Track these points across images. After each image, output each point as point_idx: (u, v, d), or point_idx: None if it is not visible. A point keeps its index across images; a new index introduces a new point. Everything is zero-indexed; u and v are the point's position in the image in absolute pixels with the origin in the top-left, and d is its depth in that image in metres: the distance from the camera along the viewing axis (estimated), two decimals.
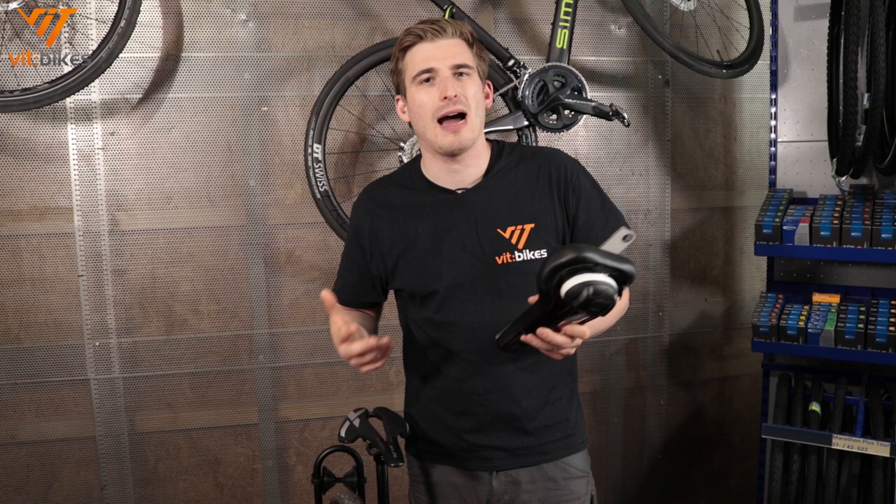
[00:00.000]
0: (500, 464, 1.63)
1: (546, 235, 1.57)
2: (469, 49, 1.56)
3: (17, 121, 2.47)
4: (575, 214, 1.60)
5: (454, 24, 1.57)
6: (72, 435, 2.64)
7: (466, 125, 1.53)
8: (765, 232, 2.59)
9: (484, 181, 1.61)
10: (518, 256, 1.56)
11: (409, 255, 1.61)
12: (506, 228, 1.57)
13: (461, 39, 1.55)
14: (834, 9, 2.50)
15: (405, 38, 1.55)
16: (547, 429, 1.63)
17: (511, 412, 1.60)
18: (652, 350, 3.17)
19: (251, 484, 2.82)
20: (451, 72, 1.52)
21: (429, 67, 1.52)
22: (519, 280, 1.55)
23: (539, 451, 1.63)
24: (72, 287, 2.59)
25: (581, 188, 1.61)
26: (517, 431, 1.61)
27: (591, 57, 2.94)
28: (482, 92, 1.59)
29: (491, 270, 1.56)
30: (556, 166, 1.61)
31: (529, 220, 1.57)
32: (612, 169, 3.01)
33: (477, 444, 1.63)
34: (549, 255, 1.32)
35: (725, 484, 3.34)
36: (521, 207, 1.58)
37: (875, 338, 2.43)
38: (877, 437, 2.43)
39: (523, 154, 1.65)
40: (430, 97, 1.52)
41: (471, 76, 1.55)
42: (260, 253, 2.71)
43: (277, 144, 2.69)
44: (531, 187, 1.60)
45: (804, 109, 2.76)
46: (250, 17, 2.63)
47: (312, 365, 2.81)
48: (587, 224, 1.60)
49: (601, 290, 1.14)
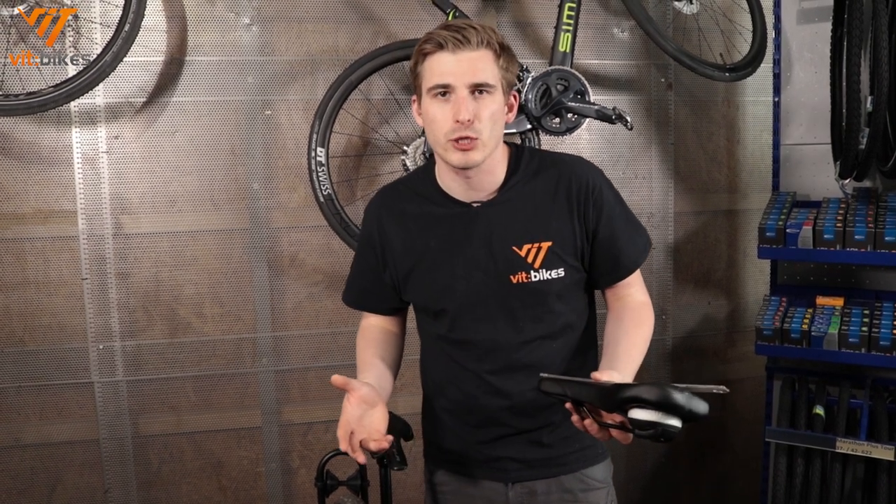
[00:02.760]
0: (515, 475, 1.59)
1: (564, 254, 1.50)
2: (495, 61, 1.42)
3: (22, 124, 2.48)
4: (595, 230, 1.51)
5: (481, 31, 1.40)
6: (75, 438, 2.65)
7: (476, 148, 1.41)
8: (768, 235, 2.58)
9: (500, 195, 1.52)
10: (534, 276, 1.48)
11: (421, 268, 1.56)
12: (521, 246, 1.49)
13: (487, 50, 1.40)
14: (837, 11, 2.50)
15: (426, 44, 1.41)
16: (564, 441, 1.58)
17: (526, 427, 1.56)
18: (655, 353, 3.16)
19: (254, 487, 2.82)
20: (468, 90, 1.39)
21: (445, 83, 1.39)
22: (534, 301, 1.50)
23: (556, 463, 1.59)
24: (76, 290, 2.59)
25: (603, 202, 1.51)
26: (533, 444, 1.57)
27: (594, 60, 2.94)
28: (502, 109, 1.46)
29: (505, 290, 1.49)
30: (578, 178, 1.51)
31: (547, 238, 1.49)
32: (615, 172, 3.01)
33: (492, 455, 1.59)
34: (630, 382, 1.28)
35: (729, 487, 3.33)
36: (539, 223, 1.50)
37: (879, 341, 2.42)
38: (881, 441, 2.42)
39: (543, 162, 1.55)
40: (444, 114, 1.40)
41: (492, 94, 1.41)
42: (263, 256, 2.72)
43: (281, 148, 2.69)
44: (549, 201, 1.50)
45: (807, 112, 2.76)
46: (254, 20, 2.63)
47: (316, 368, 2.81)
48: (609, 240, 1.52)
49: (667, 433, 1.11)
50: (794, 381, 2.71)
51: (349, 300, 1.72)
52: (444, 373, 1.61)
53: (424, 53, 1.42)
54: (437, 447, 1.67)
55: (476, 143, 1.41)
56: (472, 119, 1.39)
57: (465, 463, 1.62)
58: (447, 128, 1.41)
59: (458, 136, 1.40)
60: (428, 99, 1.43)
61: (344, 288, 1.73)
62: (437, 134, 1.43)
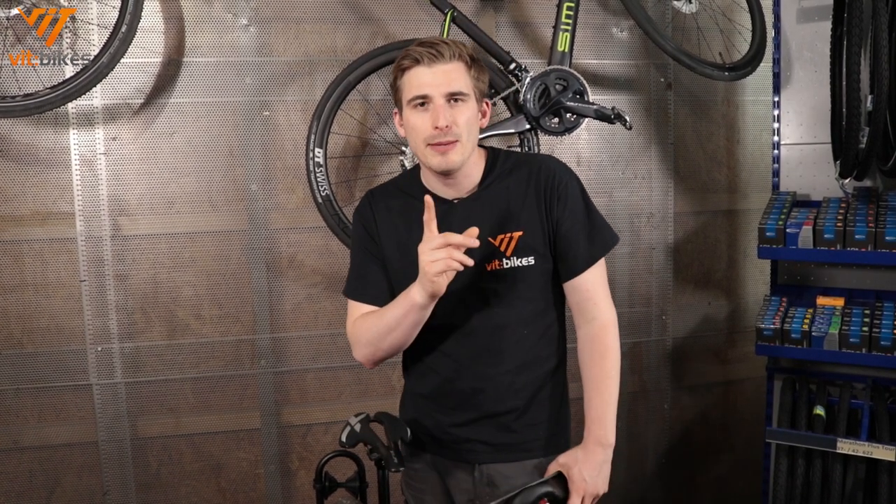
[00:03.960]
0: (482, 457, 1.69)
1: (533, 243, 1.62)
2: (467, 72, 1.57)
3: (20, 126, 2.48)
4: (558, 221, 1.62)
5: (452, 46, 1.57)
6: (74, 440, 2.64)
7: (454, 148, 1.56)
8: (768, 235, 2.58)
9: (478, 191, 1.65)
10: (505, 263, 1.61)
11: (405, 260, 1.63)
12: (496, 236, 1.62)
13: (459, 62, 1.56)
14: (837, 10, 2.49)
15: (403, 60, 1.57)
16: (530, 427, 1.68)
17: (497, 410, 1.66)
18: (655, 354, 3.16)
19: (253, 489, 2.81)
20: (444, 99, 1.54)
21: (423, 94, 1.54)
22: (505, 287, 1.62)
23: (521, 449, 1.69)
24: (74, 292, 2.59)
25: (568, 196, 1.63)
26: (501, 428, 1.67)
27: (592, 60, 2.94)
28: (476, 115, 1.61)
29: (481, 277, 1.62)
30: (545, 172, 1.64)
31: (518, 228, 1.62)
32: (614, 172, 3.01)
33: (462, 437, 1.69)
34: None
35: (729, 488, 3.32)
36: (511, 215, 1.62)
37: (880, 341, 2.41)
38: (882, 441, 2.41)
39: (517, 162, 1.69)
40: (423, 122, 1.55)
41: (466, 101, 1.57)
42: (262, 257, 2.71)
43: (279, 149, 2.69)
44: (521, 195, 1.63)
45: (807, 112, 2.75)
46: (252, 21, 2.63)
47: (314, 370, 2.80)
48: (568, 237, 1.62)
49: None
50: (794, 382, 2.70)
51: (351, 291, 1.74)
52: (424, 360, 1.71)
53: (403, 69, 1.58)
54: (413, 430, 1.73)
55: (456, 145, 1.56)
56: (450, 125, 1.54)
57: (435, 446, 1.73)
58: (426, 134, 1.56)
59: (438, 141, 1.55)
60: (408, 110, 1.58)
61: (345, 285, 1.76)
62: (418, 140, 1.58)
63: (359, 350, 1.69)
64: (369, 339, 1.65)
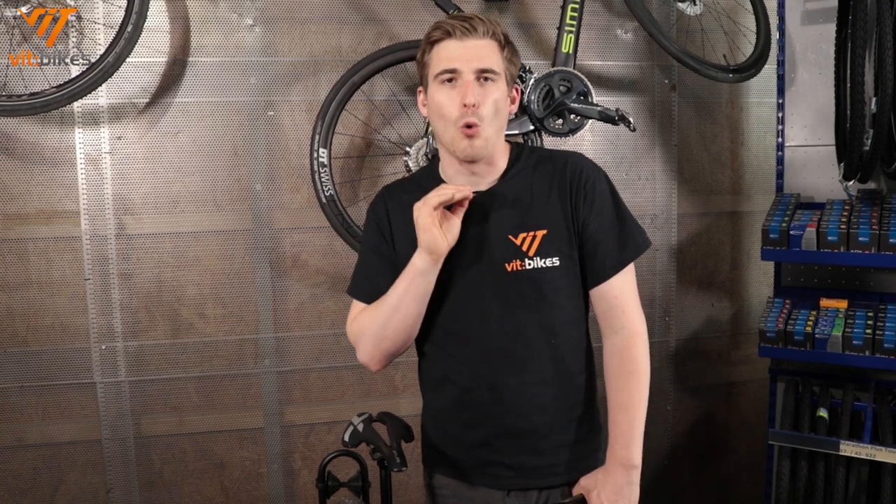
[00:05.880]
0: (508, 483, 1.55)
1: (559, 243, 1.50)
2: (500, 51, 1.48)
3: (25, 125, 2.49)
4: (585, 222, 1.51)
5: (487, 23, 1.46)
6: (78, 438, 2.65)
7: (478, 136, 1.46)
8: (772, 237, 2.57)
9: (499, 184, 1.54)
10: (528, 264, 1.48)
11: None
12: (517, 234, 1.50)
13: (492, 40, 1.47)
14: (841, 13, 2.49)
15: (434, 32, 1.47)
16: (560, 449, 1.54)
17: (520, 427, 1.52)
18: (658, 355, 3.15)
19: (256, 488, 2.82)
20: (474, 76, 1.44)
21: (452, 68, 1.44)
22: (529, 289, 1.49)
23: (550, 472, 1.54)
24: (78, 291, 2.60)
25: (595, 194, 1.51)
26: (527, 450, 1.53)
27: (596, 61, 2.94)
28: (506, 99, 1.50)
29: (500, 278, 1.49)
30: (572, 168, 1.53)
31: (542, 227, 1.50)
32: (618, 174, 3.00)
33: (486, 459, 1.55)
34: None
35: (732, 490, 3.32)
36: (534, 213, 1.51)
37: (883, 343, 2.41)
38: (885, 444, 2.41)
39: (542, 157, 1.58)
40: (451, 100, 1.45)
41: (496, 82, 1.47)
42: (266, 257, 2.72)
43: (283, 149, 2.69)
44: (546, 191, 1.52)
45: (811, 114, 2.75)
46: (257, 21, 2.64)
47: (318, 369, 2.81)
48: (595, 239, 1.51)
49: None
50: (797, 384, 2.70)
51: (356, 290, 1.64)
52: (439, 367, 1.58)
53: (432, 41, 1.48)
54: (435, 450, 1.64)
55: (478, 130, 1.45)
56: (478, 104, 1.43)
57: (461, 467, 1.59)
58: (455, 114, 1.45)
59: (466, 122, 1.44)
60: (435, 86, 1.47)
61: (350, 283, 1.66)
62: (446, 121, 1.47)
63: (362, 346, 1.57)
64: (373, 329, 1.53)
